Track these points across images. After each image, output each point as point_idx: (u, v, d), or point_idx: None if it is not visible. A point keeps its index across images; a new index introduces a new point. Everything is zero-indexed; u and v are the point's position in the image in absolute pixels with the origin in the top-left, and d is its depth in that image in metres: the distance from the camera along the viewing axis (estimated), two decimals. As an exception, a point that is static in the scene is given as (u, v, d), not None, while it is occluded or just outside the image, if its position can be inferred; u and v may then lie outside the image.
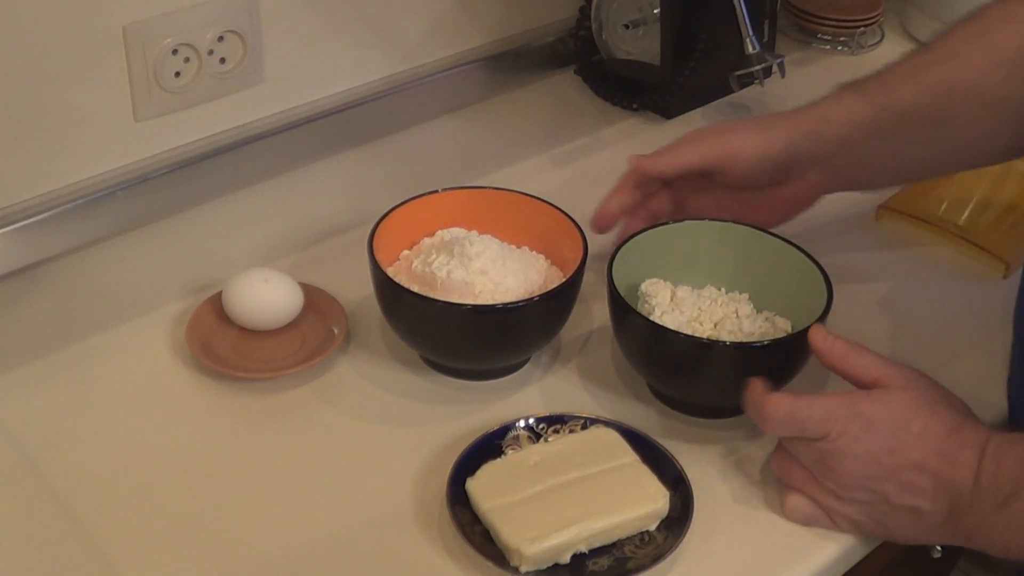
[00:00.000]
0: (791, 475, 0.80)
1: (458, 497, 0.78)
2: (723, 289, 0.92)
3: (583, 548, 0.76)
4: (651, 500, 0.78)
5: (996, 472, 0.73)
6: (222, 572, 0.76)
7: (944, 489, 0.74)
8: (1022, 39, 0.89)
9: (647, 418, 0.87)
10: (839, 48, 1.40)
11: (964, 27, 0.92)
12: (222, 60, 1.04)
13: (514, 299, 0.88)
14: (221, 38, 1.03)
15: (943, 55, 0.92)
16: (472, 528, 0.76)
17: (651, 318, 0.86)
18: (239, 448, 0.85)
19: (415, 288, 0.87)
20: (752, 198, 0.96)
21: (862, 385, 0.80)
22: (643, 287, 0.90)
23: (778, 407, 0.77)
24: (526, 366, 0.92)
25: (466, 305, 0.86)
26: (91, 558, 0.76)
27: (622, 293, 0.86)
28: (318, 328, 0.93)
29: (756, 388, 0.79)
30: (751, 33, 1.18)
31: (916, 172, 0.98)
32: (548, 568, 0.75)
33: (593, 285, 0.91)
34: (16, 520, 0.79)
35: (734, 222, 0.93)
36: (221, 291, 0.93)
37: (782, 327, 0.89)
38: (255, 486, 0.82)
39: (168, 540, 0.78)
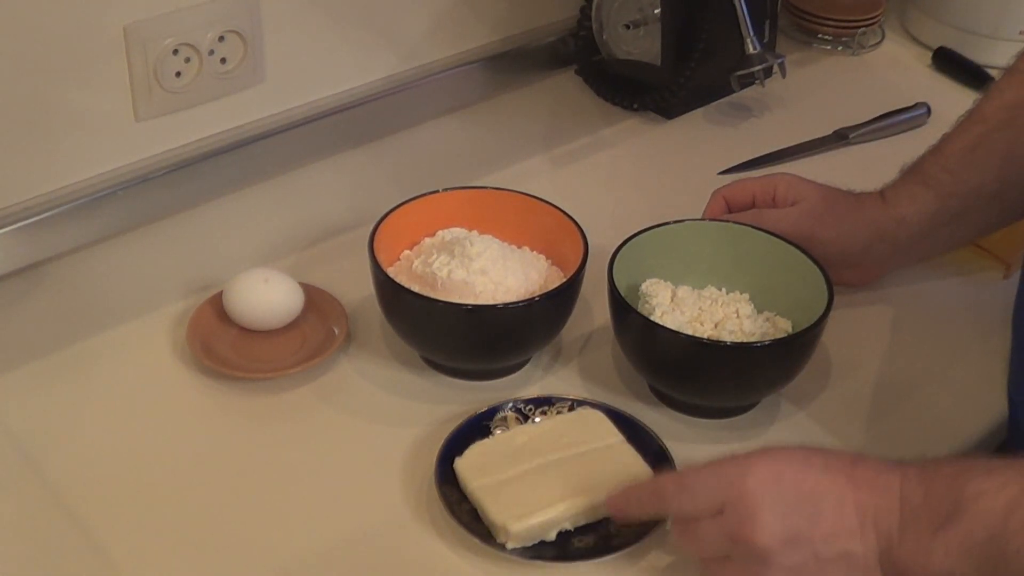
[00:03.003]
0: (705, 552, 0.72)
1: (446, 476, 0.79)
2: (724, 289, 0.92)
3: (568, 526, 0.77)
4: (635, 479, 0.78)
5: (927, 493, 0.67)
6: (222, 570, 0.76)
7: (871, 522, 0.68)
8: None
9: (647, 418, 0.87)
10: (839, 48, 1.40)
11: (1009, 84, 0.93)
12: (223, 60, 1.04)
13: (515, 299, 0.88)
14: (222, 38, 1.03)
15: (998, 123, 0.93)
16: (460, 506, 0.77)
17: (651, 318, 0.86)
18: (239, 448, 0.85)
19: (416, 288, 0.87)
20: None
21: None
22: (644, 287, 0.90)
23: (665, 477, 0.76)
24: (527, 366, 0.92)
25: (466, 305, 0.86)
26: (91, 557, 0.76)
27: (623, 293, 0.86)
28: (319, 328, 0.93)
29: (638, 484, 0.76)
30: (752, 33, 1.18)
31: (983, 233, 1.00)
32: (534, 545, 0.76)
33: (594, 285, 0.91)
34: (16, 520, 0.79)
35: (734, 223, 0.93)
36: (222, 291, 0.93)
37: (783, 327, 0.89)
38: (255, 485, 0.82)
39: (168, 539, 0.78)
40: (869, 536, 0.68)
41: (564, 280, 0.88)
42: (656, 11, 1.20)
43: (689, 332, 0.86)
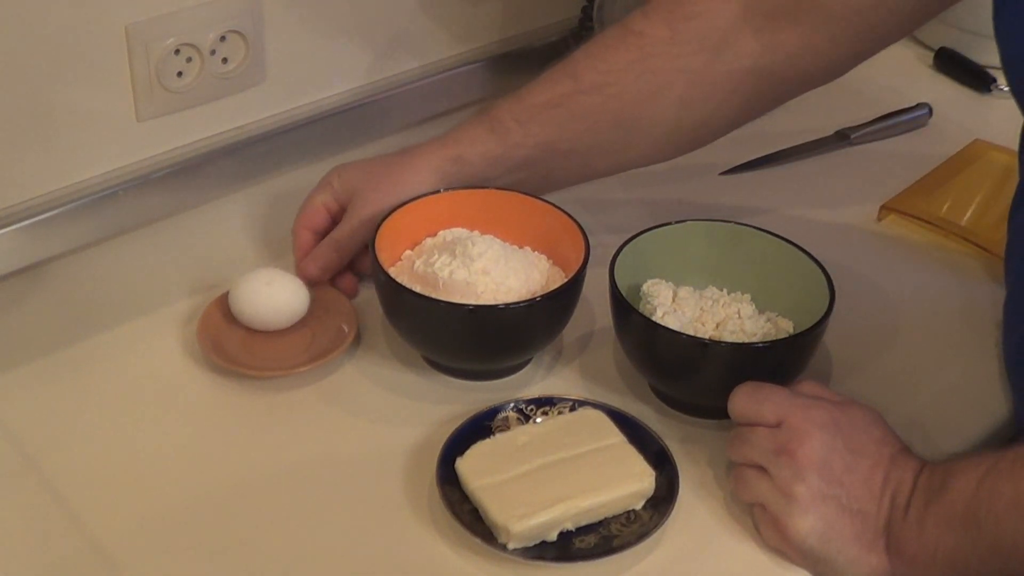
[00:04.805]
0: (747, 456, 0.79)
1: (447, 477, 0.79)
2: (725, 290, 0.92)
3: (570, 526, 0.77)
4: (637, 479, 0.79)
5: (930, 477, 0.74)
6: (224, 569, 0.76)
7: (890, 493, 0.74)
8: (680, 62, 0.91)
9: (648, 418, 0.87)
10: (841, 48, 1.40)
11: (614, 46, 0.93)
12: (224, 60, 1.04)
13: (516, 299, 0.88)
14: (223, 38, 1.03)
15: (590, 85, 0.93)
16: (461, 507, 0.78)
17: (653, 319, 0.86)
18: (240, 447, 0.85)
19: (417, 288, 0.87)
20: None
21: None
22: (645, 287, 0.90)
23: (745, 384, 0.80)
24: (528, 366, 0.92)
25: (468, 306, 0.86)
26: (93, 557, 0.76)
27: (624, 293, 0.86)
28: (328, 326, 0.93)
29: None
30: (753, 33, 1.18)
31: (569, 182, 0.99)
32: (535, 545, 0.76)
33: (595, 285, 0.91)
34: (17, 520, 0.79)
35: (736, 223, 0.93)
36: (228, 292, 0.92)
37: (784, 328, 0.89)
38: (256, 484, 0.82)
39: (172, 538, 0.78)
40: (884, 504, 0.74)
41: (566, 280, 0.88)
42: (658, 11, 1.20)
43: (690, 332, 0.86)
